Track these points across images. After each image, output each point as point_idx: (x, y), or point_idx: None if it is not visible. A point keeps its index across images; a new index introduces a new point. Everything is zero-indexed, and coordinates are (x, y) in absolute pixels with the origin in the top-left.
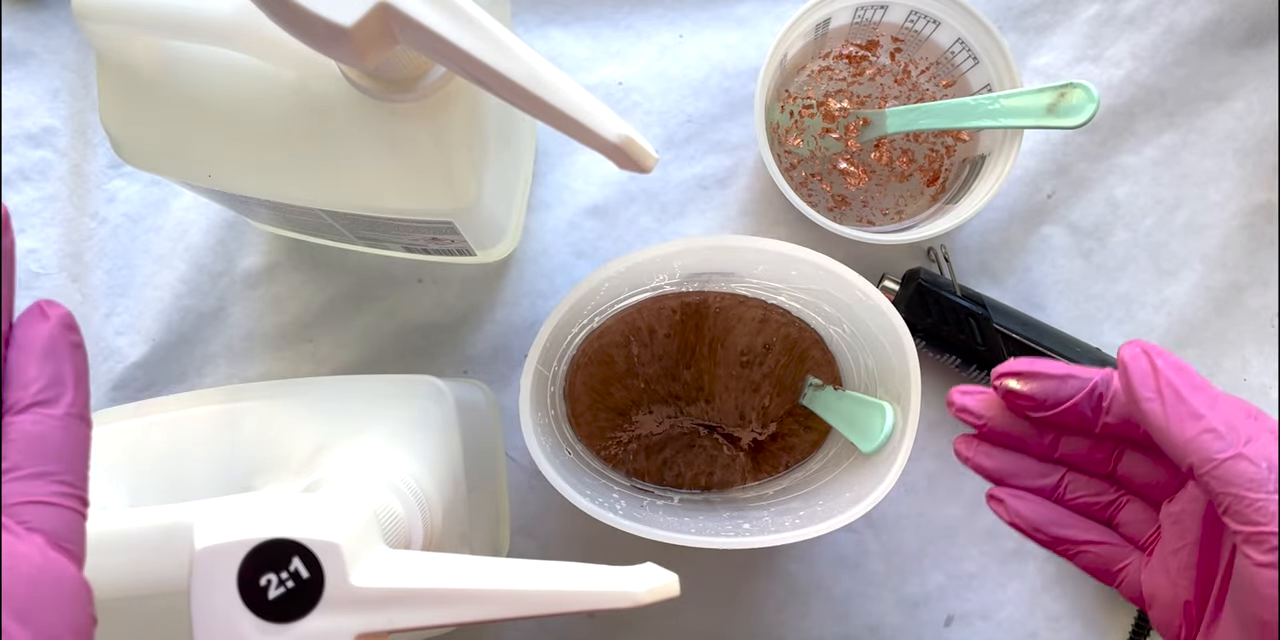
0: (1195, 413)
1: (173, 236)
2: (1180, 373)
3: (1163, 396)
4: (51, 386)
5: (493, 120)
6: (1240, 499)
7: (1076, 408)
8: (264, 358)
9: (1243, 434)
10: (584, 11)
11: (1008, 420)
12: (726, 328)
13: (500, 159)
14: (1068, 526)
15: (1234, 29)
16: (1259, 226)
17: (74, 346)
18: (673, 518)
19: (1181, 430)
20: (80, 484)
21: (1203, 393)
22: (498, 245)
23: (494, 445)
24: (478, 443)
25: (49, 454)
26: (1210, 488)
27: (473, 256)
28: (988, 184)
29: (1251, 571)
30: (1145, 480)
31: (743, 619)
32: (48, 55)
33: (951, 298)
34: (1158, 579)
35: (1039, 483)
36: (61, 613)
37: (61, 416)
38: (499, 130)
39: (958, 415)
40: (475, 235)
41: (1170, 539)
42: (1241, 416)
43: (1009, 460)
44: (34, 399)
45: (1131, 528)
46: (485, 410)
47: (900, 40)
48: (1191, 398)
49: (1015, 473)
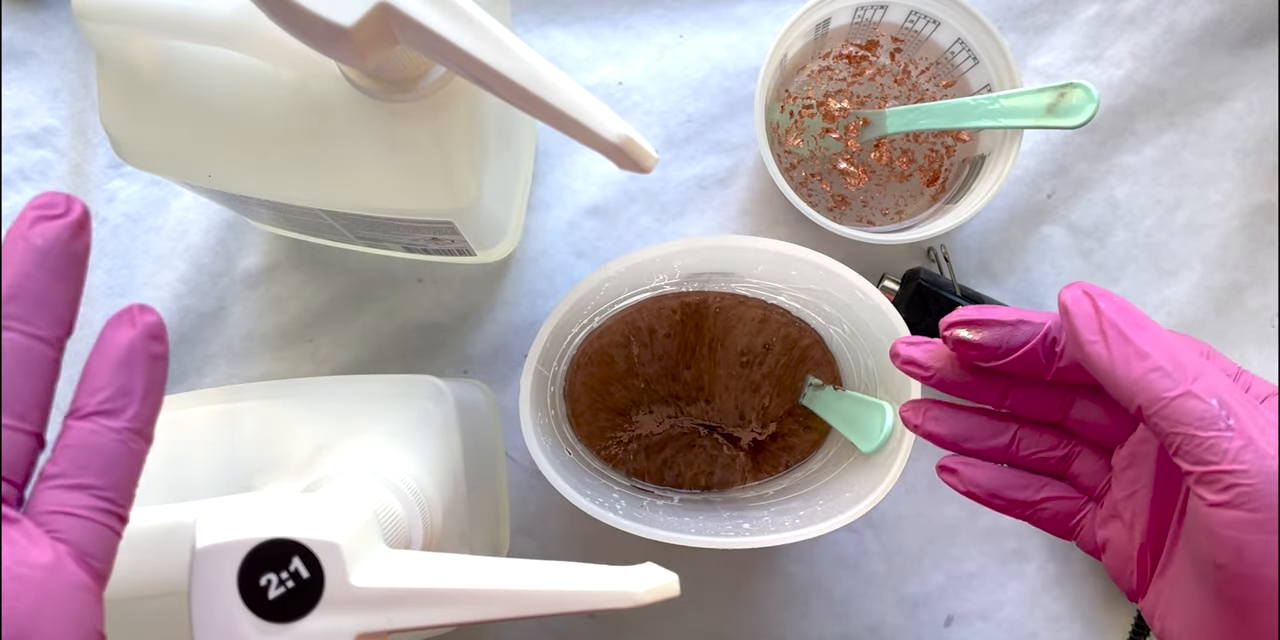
0: (1140, 352)
1: (173, 236)
2: (1124, 313)
3: (1106, 338)
4: (118, 397)
5: (493, 120)
6: (1190, 439)
7: (1031, 354)
8: (264, 358)
9: (1190, 371)
10: (584, 11)
11: (956, 372)
12: (726, 328)
13: (500, 159)
14: (1023, 488)
15: (1234, 29)
16: (1259, 226)
17: (153, 358)
18: (673, 518)
19: (1128, 371)
20: (123, 501)
21: (1147, 331)
22: (498, 245)
23: (494, 445)
24: (478, 443)
25: (97, 467)
26: (1160, 428)
27: (473, 256)
28: (988, 184)
29: (1205, 512)
30: (1097, 427)
31: (743, 619)
32: (48, 55)
33: (951, 298)
34: (1111, 526)
35: (992, 443)
36: (64, 626)
37: (120, 429)
38: (499, 130)
39: (903, 368)
40: (475, 235)
41: (1122, 485)
42: (1193, 355)
43: (959, 423)
44: (97, 407)
45: (1086, 478)
46: (485, 410)
47: (900, 40)
48: (1136, 337)
49: (967, 435)
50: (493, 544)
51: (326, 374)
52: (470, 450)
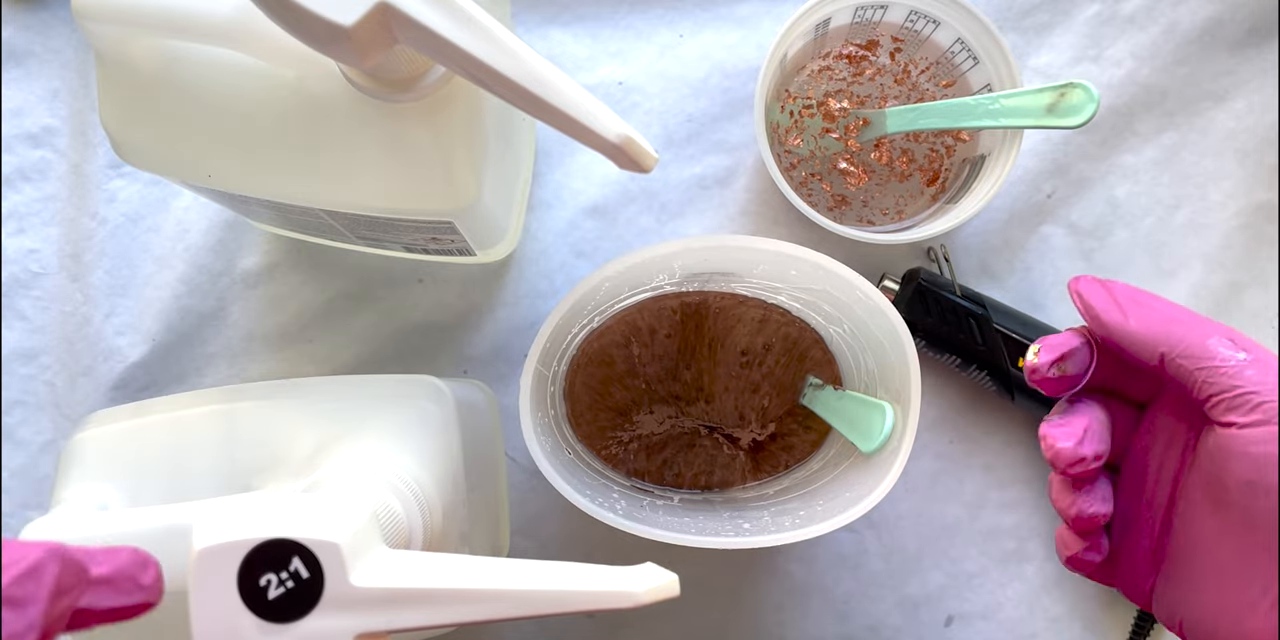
0: (1154, 310)
1: (173, 236)
2: (1130, 289)
3: (1122, 307)
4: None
5: (493, 120)
6: (1215, 370)
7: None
8: (264, 357)
9: (1200, 320)
10: (584, 11)
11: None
12: (726, 328)
13: (500, 159)
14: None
15: (1234, 29)
16: (1259, 226)
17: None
18: (673, 518)
19: (1146, 326)
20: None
21: (1155, 298)
22: (497, 245)
23: (494, 445)
24: (478, 443)
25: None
26: (1183, 369)
27: (473, 256)
28: (988, 184)
29: (1232, 436)
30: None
31: (743, 619)
32: (48, 55)
33: (951, 298)
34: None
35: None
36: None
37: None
38: (499, 130)
39: (1068, 472)
40: (475, 235)
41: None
42: (1200, 318)
43: (1099, 486)
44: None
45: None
46: (485, 410)
47: (900, 40)
48: (1147, 301)
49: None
50: (493, 544)
51: (327, 374)
52: (470, 450)
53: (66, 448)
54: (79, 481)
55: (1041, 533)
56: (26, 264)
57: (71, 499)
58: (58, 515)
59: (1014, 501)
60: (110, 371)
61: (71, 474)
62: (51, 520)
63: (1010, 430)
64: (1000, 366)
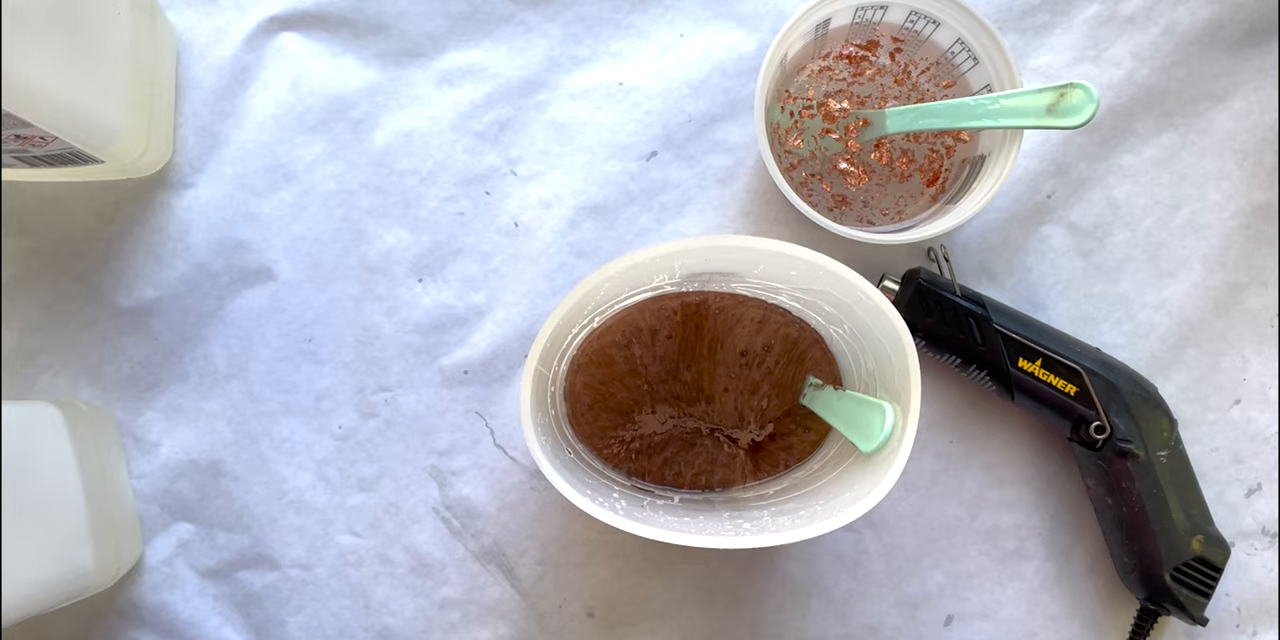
0: None
1: (173, 236)
2: None
3: None
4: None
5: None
6: None
7: None
8: (264, 357)
9: None
10: (584, 11)
11: None
12: (727, 328)
13: (55, 39)
14: None
15: (1234, 29)
16: (1259, 227)
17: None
18: (673, 517)
19: None
20: None
21: None
22: (115, 146)
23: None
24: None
25: None
26: None
27: (102, 163)
28: (988, 184)
29: None
30: None
31: (743, 619)
32: None
33: (951, 298)
34: None
35: None
36: None
37: None
38: (50, 10)
39: None
40: (65, 129)
41: None
42: None
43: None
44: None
45: None
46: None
47: (900, 40)
48: None
49: None
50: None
51: (328, 373)
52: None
53: None
54: None
55: (1041, 532)
56: (28, 264)
57: None
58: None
59: (1014, 501)
60: (116, 372)
61: None
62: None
63: (1010, 430)
64: (1000, 366)
